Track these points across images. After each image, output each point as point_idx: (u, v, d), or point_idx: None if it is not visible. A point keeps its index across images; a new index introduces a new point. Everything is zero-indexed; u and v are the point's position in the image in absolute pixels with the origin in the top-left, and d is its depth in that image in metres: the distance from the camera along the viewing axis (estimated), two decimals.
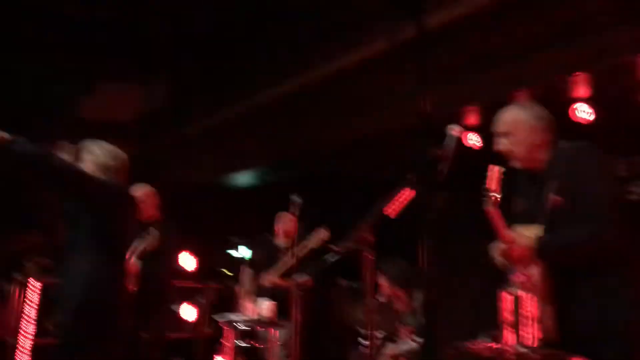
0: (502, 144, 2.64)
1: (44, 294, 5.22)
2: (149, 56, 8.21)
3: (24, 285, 5.03)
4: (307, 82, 6.42)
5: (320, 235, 4.88)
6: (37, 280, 5.02)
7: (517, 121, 2.63)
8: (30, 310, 5.05)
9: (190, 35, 7.70)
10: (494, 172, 2.45)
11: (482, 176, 2.68)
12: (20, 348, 4.93)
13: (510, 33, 4.57)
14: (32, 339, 5.02)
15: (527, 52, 4.45)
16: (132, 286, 4.36)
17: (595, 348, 2.18)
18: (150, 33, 7.76)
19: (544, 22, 4.35)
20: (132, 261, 4.57)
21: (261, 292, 5.03)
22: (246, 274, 5.41)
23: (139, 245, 4.78)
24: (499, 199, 2.44)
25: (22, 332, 4.98)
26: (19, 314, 5.05)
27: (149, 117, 8.83)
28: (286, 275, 4.96)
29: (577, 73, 4.16)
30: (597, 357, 2.11)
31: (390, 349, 4.17)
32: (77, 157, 3.28)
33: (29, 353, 5.00)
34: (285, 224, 5.27)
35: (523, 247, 2.41)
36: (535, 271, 2.40)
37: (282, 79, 6.73)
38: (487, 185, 2.43)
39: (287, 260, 4.98)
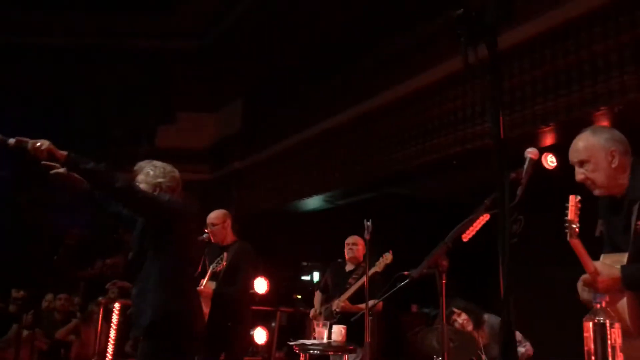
0: (581, 174, 2.53)
1: (123, 315, 5.41)
2: (222, 84, 8.48)
3: (108, 308, 5.22)
4: (378, 106, 6.45)
5: (386, 260, 4.85)
6: (118, 302, 5.19)
7: (593, 147, 2.51)
8: (111, 331, 5.23)
9: (263, 63, 7.91)
10: (573, 202, 2.36)
11: (559, 196, 2.61)
12: None
13: (588, 51, 4.44)
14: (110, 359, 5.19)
15: (606, 70, 4.30)
16: (206, 307, 4.44)
17: None
18: (224, 62, 8.03)
19: (622, 40, 4.20)
20: (206, 283, 4.67)
21: (333, 316, 5.03)
22: (318, 298, 5.44)
23: (215, 268, 4.89)
24: (578, 230, 2.35)
25: (106, 353, 5.16)
26: (103, 335, 5.23)
27: (222, 144, 9.09)
28: (354, 299, 4.94)
29: None
30: None
31: None
32: (133, 178, 3.38)
33: None
34: (351, 249, 5.26)
35: (608, 278, 2.31)
36: (623, 303, 2.29)
37: (353, 104, 6.79)
38: (568, 217, 2.34)
39: (354, 285, 4.96)
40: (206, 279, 4.71)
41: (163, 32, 7.65)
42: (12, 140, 2.92)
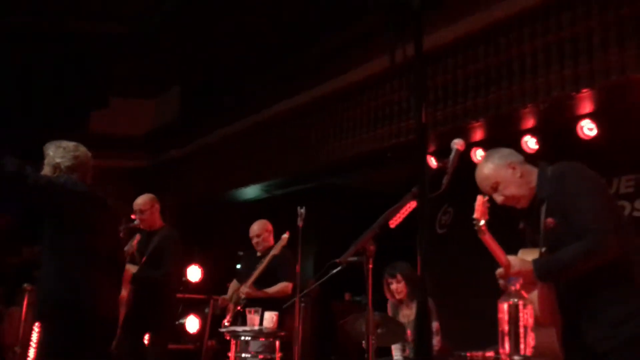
0: (499, 197, 2.70)
1: None
2: (160, 71, 8.32)
3: (32, 295, 5.08)
4: (313, 98, 6.51)
5: (282, 242, 4.89)
6: None
7: (494, 170, 2.71)
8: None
9: (200, 52, 7.82)
10: (480, 202, 2.56)
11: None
12: (28, 355, 4.97)
13: (515, 49, 4.62)
14: (36, 348, 5.05)
15: (532, 68, 4.49)
16: (125, 291, 4.37)
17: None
18: (161, 49, 7.88)
19: (549, 39, 4.40)
20: (127, 267, 4.60)
21: (240, 302, 5.04)
22: (232, 286, 5.43)
23: (135, 251, 4.84)
24: (484, 227, 2.52)
25: (31, 343, 5.02)
26: (27, 323, 5.09)
27: (159, 131, 8.94)
28: (260, 284, 4.96)
29: (584, 90, 4.19)
30: None
31: None
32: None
33: None
34: (257, 242, 5.25)
35: (520, 269, 2.47)
36: (534, 295, 2.44)
37: (291, 95, 6.82)
38: (474, 215, 2.53)
39: (257, 270, 4.98)
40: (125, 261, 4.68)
41: (98, 14, 7.43)
42: None
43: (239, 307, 5.05)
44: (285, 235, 4.87)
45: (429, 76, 5.05)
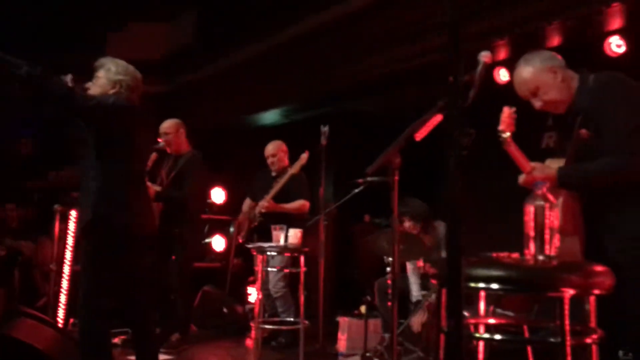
0: (537, 102, 2.66)
1: None
2: None
3: (64, 217, 5.22)
4: (332, 18, 6.35)
5: (302, 161, 4.96)
6: (75, 209, 5.20)
7: (535, 73, 2.65)
8: (68, 238, 5.26)
9: None
10: (506, 113, 2.55)
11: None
12: (63, 275, 5.17)
13: None
14: (70, 266, 5.26)
15: None
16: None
17: (622, 272, 2.24)
18: None
19: None
20: (152, 187, 4.72)
21: (256, 219, 5.16)
22: (246, 203, 5.57)
23: (165, 173, 4.95)
24: (509, 139, 2.54)
25: (64, 260, 5.22)
26: (62, 243, 5.26)
27: (176, 56, 8.86)
28: (278, 199, 5.08)
29: (613, 4, 4.06)
30: (622, 280, 2.18)
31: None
32: (93, 74, 3.32)
33: (67, 279, 5.25)
34: (272, 162, 5.34)
35: (543, 174, 2.49)
36: (558, 203, 2.47)
37: (307, 16, 6.68)
38: (500, 127, 2.54)
39: (277, 185, 5.11)
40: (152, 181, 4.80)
41: None
42: None
43: (254, 223, 5.20)
44: (305, 155, 4.94)
45: None
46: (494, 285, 1.95)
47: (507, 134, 2.53)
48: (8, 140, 7.71)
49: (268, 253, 4.57)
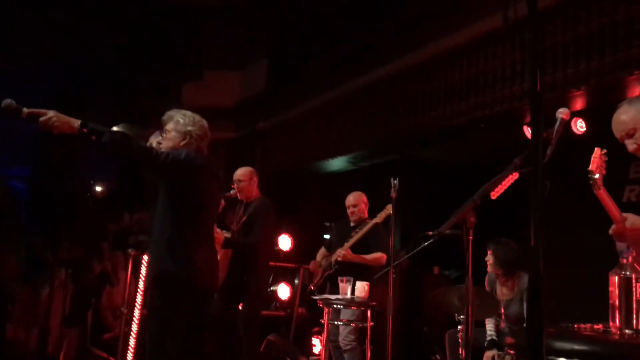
0: (632, 144, 2.56)
1: None
2: (249, 42, 8.45)
3: (137, 260, 5.35)
4: (404, 67, 6.39)
5: (387, 211, 4.88)
6: (147, 254, 5.33)
7: (636, 115, 2.55)
8: (140, 282, 5.38)
9: (288, 24, 7.86)
10: (597, 154, 2.44)
11: (587, 162, 2.62)
12: (133, 318, 5.27)
13: (624, 13, 4.33)
14: (140, 309, 5.36)
15: None
16: (220, 257, 4.53)
17: None
18: (251, 18, 7.98)
19: None
20: (222, 232, 4.77)
21: (331, 267, 5.11)
22: (321, 253, 5.53)
23: (236, 220, 5.00)
24: (599, 181, 2.42)
25: (135, 304, 5.32)
26: (133, 287, 5.38)
27: (248, 103, 9.11)
28: (356, 250, 5.02)
29: None
30: None
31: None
32: (163, 126, 3.40)
33: (137, 322, 5.34)
34: (352, 212, 5.29)
35: (636, 226, 2.35)
36: None
37: (379, 65, 6.74)
38: (590, 167, 2.42)
39: (357, 235, 5.04)
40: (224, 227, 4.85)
41: None
42: (25, 110, 2.93)
43: (328, 272, 5.15)
44: (390, 206, 4.87)
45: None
46: None
47: (597, 175, 2.41)
48: (84, 183, 8.06)
49: (334, 306, 4.51)
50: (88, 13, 7.50)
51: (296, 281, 6.78)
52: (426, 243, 4.25)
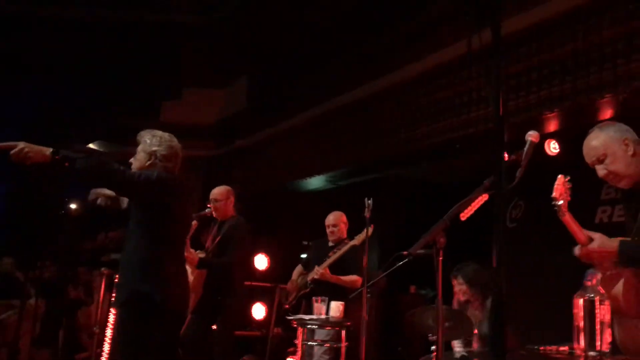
0: (602, 169, 2.58)
1: None
2: (229, 61, 8.46)
3: (111, 279, 5.28)
4: (381, 89, 6.45)
5: (366, 233, 4.86)
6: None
7: (606, 141, 2.56)
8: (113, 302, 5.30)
9: (267, 42, 7.90)
10: (560, 182, 2.46)
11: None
12: (105, 338, 5.18)
13: (597, 37, 4.42)
14: (112, 330, 5.27)
15: (612, 57, 4.29)
16: (191, 277, 4.48)
17: None
18: (231, 37, 8.01)
19: (633, 26, 4.19)
20: (196, 252, 4.72)
21: (307, 286, 5.09)
22: (297, 271, 5.49)
23: (210, 239, 4.96)
24: (564, 207, 2.43)
25: (108, 323, 5.24)
26: (106, 306, 5.30)
27: (226, 122, 9.10)
28: (333, 270, 4.99)
29: None
30: None
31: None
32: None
33: (109, 342, 5.25)
34: (332, 231, 5.28)
35: (600, 247, 2.36)
36: (619, 286, 2.33)
37: (357, 85, 6.79)
38: (553, 194, 2.44)
39: (335, 255, 5.01)
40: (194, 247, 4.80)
41: (171, 6, 7.63)
42: None
43: (303, 291, 5.12)
44: (371, 228, 4.86)
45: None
46: None
47: (560, 202, 2.42)
48: (57, 201, 7.95)
49: (309, 326, 4.47)
50: (67, 32, 7.49)
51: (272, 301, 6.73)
52: (400, 263, 4.24)
